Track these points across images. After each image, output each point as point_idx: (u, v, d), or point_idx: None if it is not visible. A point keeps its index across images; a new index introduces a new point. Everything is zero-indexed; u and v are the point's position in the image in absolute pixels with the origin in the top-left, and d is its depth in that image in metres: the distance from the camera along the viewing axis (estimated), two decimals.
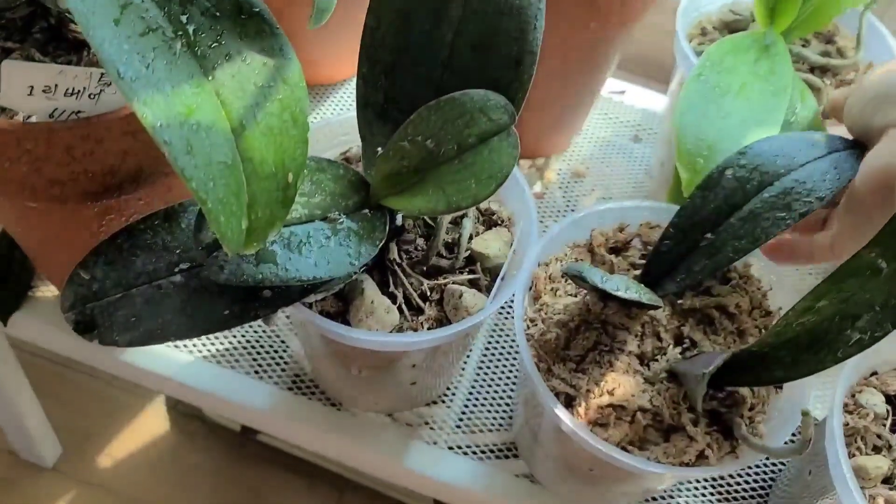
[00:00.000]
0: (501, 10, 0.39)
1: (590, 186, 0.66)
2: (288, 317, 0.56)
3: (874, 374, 0.45)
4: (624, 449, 0.39)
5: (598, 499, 0.49)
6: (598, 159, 0.68)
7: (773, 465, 0.53)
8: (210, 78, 0.33)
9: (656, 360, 0.42)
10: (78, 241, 0.44)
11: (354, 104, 0.42)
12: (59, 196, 0.39)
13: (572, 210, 0.64)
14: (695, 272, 0.43)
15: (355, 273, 0.42)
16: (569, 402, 0.41)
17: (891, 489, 0.40)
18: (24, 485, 0.74)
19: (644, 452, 0.40)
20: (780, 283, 0.45)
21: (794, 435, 0.51)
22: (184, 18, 0.33)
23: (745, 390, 0.41)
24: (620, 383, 0.40)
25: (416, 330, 0.42)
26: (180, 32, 0.32)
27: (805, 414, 0.35)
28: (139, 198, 0.43)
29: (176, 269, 0.39)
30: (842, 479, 0.39)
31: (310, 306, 0.42)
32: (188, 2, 0.33)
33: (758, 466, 0.53)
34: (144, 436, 0.78)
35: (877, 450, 0.42)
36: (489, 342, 0.56)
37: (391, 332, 0.41)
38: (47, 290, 0.55)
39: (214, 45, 0.33)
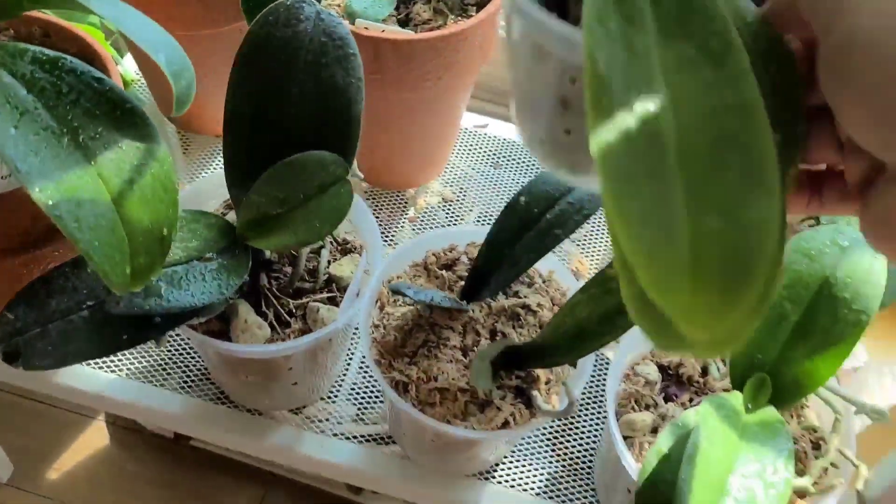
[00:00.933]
0: (328, 91, 0.50)
1: (458, 209, 0.77)
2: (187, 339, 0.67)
3: (653, 350, 0.57)
4: (448, 422, 0.51)
5: (453, 465, 0.61)
6: (463, 186, 0.79)
7: (597, 429, 0.65)
8: (93, 162, 0.43)
9: (474, 351, 0.53)
10: (8, 288, 0.54)
11: None
12: None
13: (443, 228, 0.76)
14: (502, 280, 0.54)
15: (227, 299, 0.52)
16: (405, 389, 0.52)
17: (655, 437, 0.52)
18: None
19: (464, 423, 0.51)
20: (575, 287, 0.57)
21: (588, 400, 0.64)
22: (69, 118, 0.43)
23: (540, 371, 0.53)
24: (444, 370, 0.52)
25: (284, 341, 0.53)
26: (66, 129, 0.43)
27: (564, 384, 0.47)
28: (53, 250, 0.53)
29: (84, 306, 0.49)
30: (608, 430, 0.51)
31: (197, 327, 0.52)
32: (73, 105, 0.44)
33: (587, 431, 0.65)
34: (88, 450, 0.88)
35: (647, 408, 0.53)
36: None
37: (264, 344, 0.52)
38: None
39: (95, 136, 0.44)
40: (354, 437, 0.62)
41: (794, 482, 0.50)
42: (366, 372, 0.66)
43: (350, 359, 0.67)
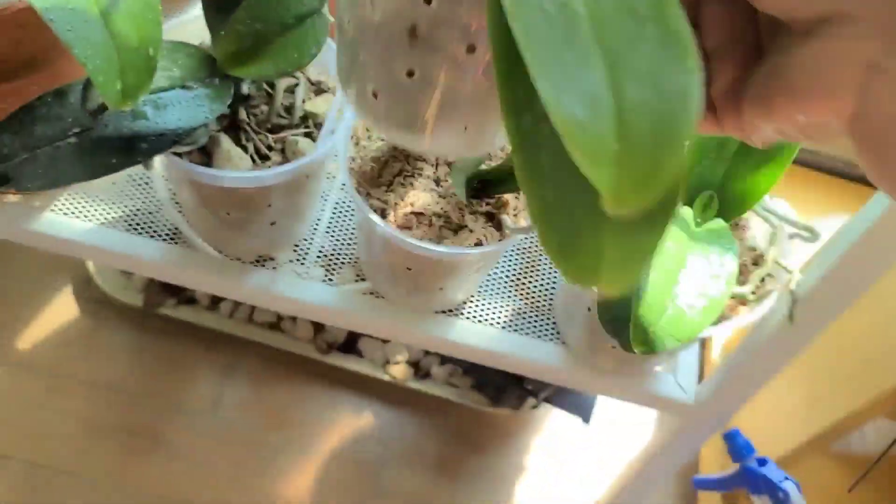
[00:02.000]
0: None
1: None
2: (167, 180, 0.68)
3: None
4: None
5: (423, 301, 0.65)
6: None
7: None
8: None
9: (447, 181, 0.57)
10: None
11: None
12: None
13: None
14: None
15: (213, 128, 0.54)
16: (384, 215, 0.55)
17: None
18: None
19: (440, 244, 0.55)
20: None
21: None
22: None
23: (508, 196, 0.56)
24: (420, 197, 0.55)
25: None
26: None
27: None
28: (32, 83, 0.54)
29: (70, 133, 0.50)
30: None
31: (182, 157, 0.54)
32: None
33: (546, 271, 0.70)
34: (57, 321, 0.89)
35: None
36: (339, 197, 0.70)
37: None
38: None
39: None
40: (330, 279, 0.66)
41: (735, 290, 0.55)
42: (337, 219, 0.69)
43: (323, 207, 0.70)
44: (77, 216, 0.66)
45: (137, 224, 0.66)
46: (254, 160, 0.56)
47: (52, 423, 0.83)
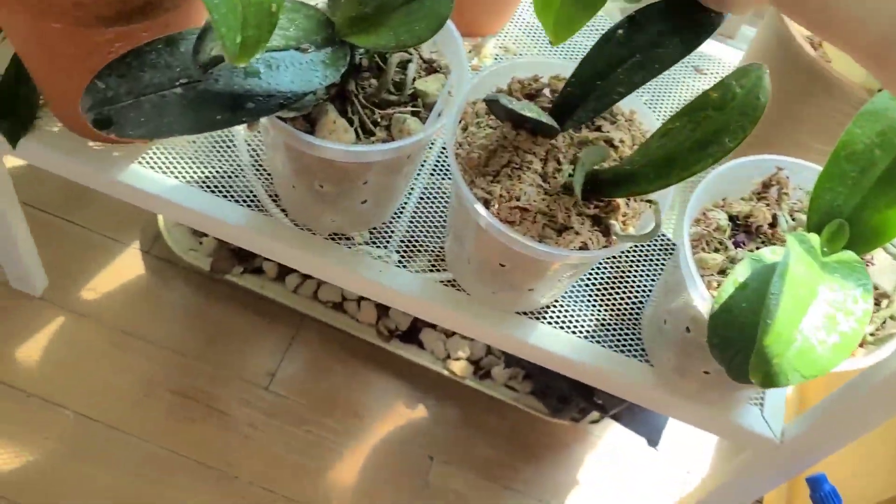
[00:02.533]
0: None
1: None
2: (257, 155, 0.66)
3: (724, 199, 0.58)
4: None
5: (507, 300, 0.62)
6: (526, 40, 0.78)
7: (650, 278, 0.66)
8: None
9: (555, 178, 0.53)
10: (89, 64, 0.53)
11: None
12: (80, 18, 0.48)
13: None
14: (588, 111, 0.54)
15: (321, 96, 0.52)
16: (486, 205, 0.52)
17: (723, 277, 0.53)
18: (17, 311, 0.84)
19: (542, 244, 0.52)
20: (656, 128, 0.57)
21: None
22: None
23: (620, 201, 0.53)
24: (526, 192, 0.52)
25: None
26: None
27: (653, 203, 0.47)
28: (143, 30, 0.52)
29: (177, 83, 0.48)
30: (686, 265, 0.52)
31: (287, 122, 0.52)
32: None
33: (637, 283, 0.66)
34: (122, 276, 0.88)
35: (716, 250, 0.55)
36: (423, 192, 0.68)
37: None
38: (49, 122, 0.64)
39: None
40: (412, 266, 0.63)
41: None
42: (424, 205, 0.67)
43: (411, 190, 0.67)
44: (162, 171, 0.64)
45: (218, 186, 0.64)
46: (357, 134, 0.53)
47: (108, 378, 0.82)
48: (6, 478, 0.76)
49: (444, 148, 0.70)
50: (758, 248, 0.56)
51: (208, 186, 0.64)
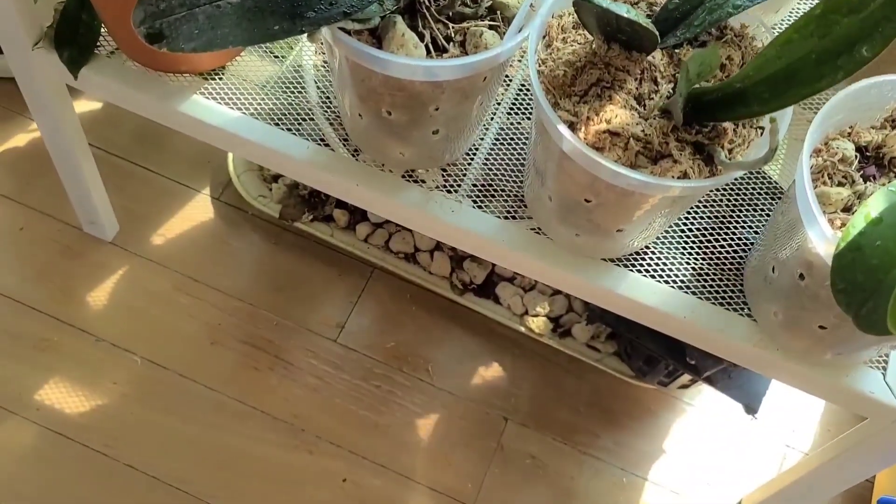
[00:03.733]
0: None
1: None
2: (325, 92, 0.62)
3: (851, 127, 0.50)
4: None
5: (592, 244, 0.56)
6: None
7: (754, 225, 0.59)
8: None
9: (651, 99, 0.47)
10: None
11: None
12: None
13: None
14: (695, 26, 0.47)
15: (389, 6, 0.47)
16: (572, 129, 0.46)
17: (849, 214, 0.46)
18: (89, 255, 0.83)
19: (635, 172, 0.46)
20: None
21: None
22: None
23: (727, 125, 0.46)
24: (617, 114, 0.46)
25: None
26: None
27: (772, 120, 0.40)
28: None
29: None
30: (804, 199, 0.44)
31: (351, 35, 0.47)
32: None
33: (739, 229, 0.59)
34: (192, 222, 0.86)
35: (840, 185, 0.47)
36: (504, 124, 0.62)
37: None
38: (110, 52, 0.61)
39: None
40: (488, 206, 0.58)
41: None
42: (501, 142, 0.61)
43: (487, 126, 0.61)
44: (226, 103, 0.60)
45: (284, 121, 0.60)
46: (429, 51, 0.48)
47: (176, 325, 0.80)
48: (75, 420, 0.75)
49: (522, 85, 0.64)
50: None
51: (274, 120, 0.60)
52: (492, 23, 0.49)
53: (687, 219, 0.60)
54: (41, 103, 0.67)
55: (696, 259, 0.58)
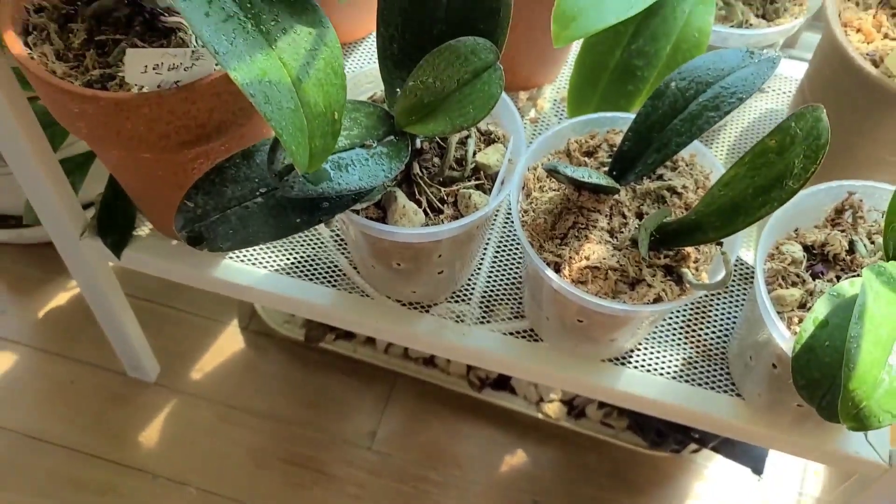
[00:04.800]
0: None
1: None
2: (338, 233, 0.70)
3: (796, 230, 0.57)
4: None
5: (590, 350, 0.63)
6: None
7: (732, 310, 0.66)
8: (273, 47, 0.45)
9: (622, 232, 0.55)
10: (176, 181, 0.58)
11: (375, 57, 0.55)
12: (165, 147, 0.53)
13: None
14: (648, 164, 0.55)
15: (389, 183, 0.55)
16: (557, 268, 0.54)
17: (805, 311, 0.53)
18: (136, 397, 0.90)
19: (616, 300, 0.53)
20: (719, 169, 0.58)
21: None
22: (250, 5, 0.46)
23: (690, 249, 0.54)
24: (595, 251, 0.54)
25: (439, 225, 0.55)
26: (249, 16, 0.45)
27: (723, 254, 0.48)
28: (221, 145, 0.56)
29: (257, 193, 0.52)
30: (763, 305, 0.52)
31: (359, 213, 0.55)
32: None
33: (720, 317, 0.66)
34: (224, 353, 0.94)
35: (794, 284, 0.54)
36: (498, 245, 0.70)
37: (421, 227, 0.55)
38: (146, 231, 0.69)
39: (274, 22, 0.46)
40: (491, 323, 0.65)
41: None
42: (498, 266, 0.69)
43: (484, 253, 0.69)
44: (251, 263, 0.68)
45: (304, 270, 0.68)
46: (427, 213, 0.56)
47: (222, 452, 0.87)
48: None
49: (509, 212, 0.72)
50: (838, 277, 0.55)
51: (295, 272, 0.68)
52: (477, 181, 0.57)
53: (673, 314, 0.67)
54: (87, 277, 0.76)
55: (684, 348, 0.65)
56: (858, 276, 0.54)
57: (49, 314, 0.95)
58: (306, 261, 0.69)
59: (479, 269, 0.68)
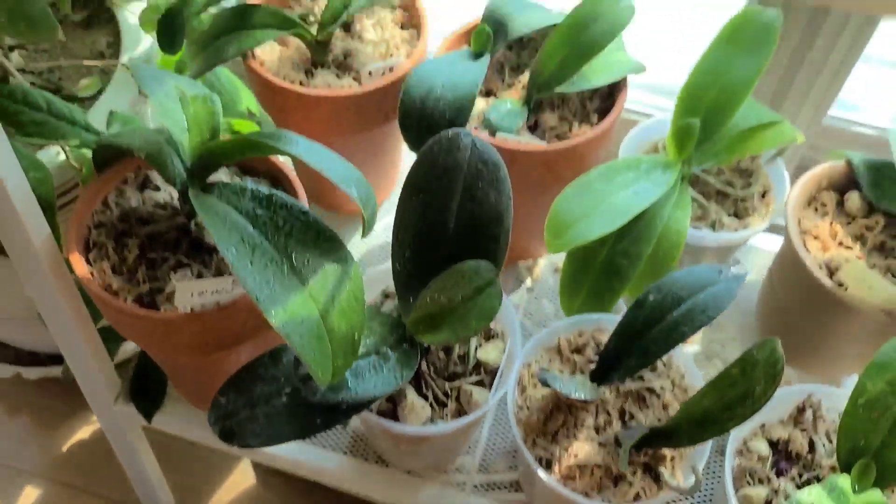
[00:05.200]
0: (483, 207, 0.59)
1: None
2: None
3: (763, 425, 0.64)
4: (586, 495, 0.59)
5: None
6: None
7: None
8: (305, 285, 0.53)
9: (606, 430, 0.61)
10: (206, 371, 0.65)
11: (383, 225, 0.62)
12: (202, 352, 0.60)
13: (556, 296, 0.84)
14: (631, 367, 0.62)
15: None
16: (548, 464, 0.60)
17: None
18: None
19: (601, 495, 0.59)
20: (693, 370, 0.65)
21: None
22: (286, 248, 0.53)
23: (666, 449, 0.60)
24: (582, 448, 0.60)
25: (443, 418, 0.62)
26: (284, 258, 0.53)
27: (693, 467, 0.55)
28: (251, 345, 0.63)
29: (283, 392, 0.59)
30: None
31: (372, 408, 0.62)
32: (288, 236, 0.54)
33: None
34: (238, 488, 0.99)
35: (760, 482, 0.61)
36: (496, 416, 0.76)
37: (425, 423, 0.61)
38: (175, 397, 0.76)
39: (306, 262, 0.54)
40: (490, 490, 0.71)
41: None
42: (496, 432, 0.75)
43: (479, 432, 0.76)
44: None
45: (320, 437, 0.74)
46: (432, 406, 0.63)
47: None
48: None
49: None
50: (800, 475, 0.61)
51: (311, 439, 0.74)
52: (478, 377, 0.64)
53: None
54: (117, 433, 0.82)
55: None
56: (818, 477, 0.60)
57: (71, 448, 1.01)
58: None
59: (478, 438, 0.75)
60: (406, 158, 0.91)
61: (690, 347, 0.81)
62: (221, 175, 0.66)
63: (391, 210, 0.62)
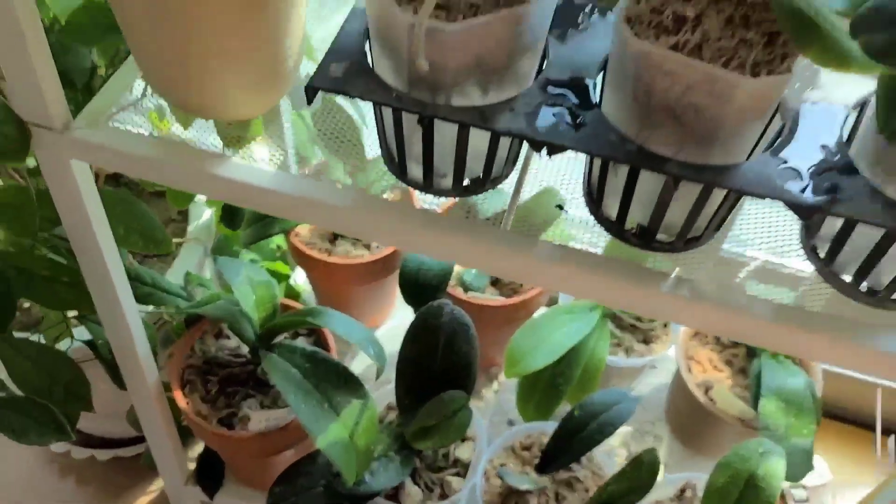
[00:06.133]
0: (459, 353, 0.85)
1: None
2: None
3: (657, 501, 0.90)
4: None
5: None
6: None
7: None
8: (338, 416, 0.79)
9: None
10: (262, 466, 0.90)
11: (390, 338, 0.89)
12: (262, 456, 0.86)
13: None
14: (564, 461, 0.89)
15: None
16: None
17: None
18: None
19: None
20: (609, 462, 0.91)
21: None
22: (324, 391, 0.80)
23: None
24: None
25: (431, 501, 0.88)
26: (323, 398, 0.79)
27: None
28: (293, 451, 0.89)
29: (319, 484, 0.85)
30: None
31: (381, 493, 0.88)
32: (324, 381, 0.80)
33: None
34: None
35: None
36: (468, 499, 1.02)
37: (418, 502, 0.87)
38: (233, 481, 1.01)
39: (338, 400, 0.80)
40: None
41: None
42: None
43: None
44: None
45: None
46: (423, 492, 0.89)
47: None
48: None
49: None
50: None
51: None
52: (456, 469, 0.90)
53: None
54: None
55: None
56: None
57: None
58: None
59: None
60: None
61: (616, 438, 1.08)
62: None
63: (390, 327, 0.89)
